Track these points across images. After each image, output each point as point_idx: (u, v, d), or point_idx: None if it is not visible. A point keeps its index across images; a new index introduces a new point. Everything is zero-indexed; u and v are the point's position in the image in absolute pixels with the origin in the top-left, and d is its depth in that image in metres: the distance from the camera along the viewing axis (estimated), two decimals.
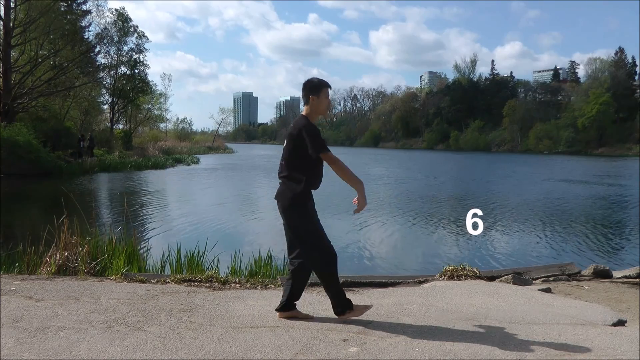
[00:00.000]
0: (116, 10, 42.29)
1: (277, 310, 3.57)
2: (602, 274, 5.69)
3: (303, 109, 3.57)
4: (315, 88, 3.52)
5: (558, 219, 13.50)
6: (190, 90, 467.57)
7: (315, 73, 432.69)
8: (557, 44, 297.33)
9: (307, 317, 3.56)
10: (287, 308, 3.54)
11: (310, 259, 3.45)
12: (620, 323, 3.82)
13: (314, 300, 4.07)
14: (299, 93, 3.75)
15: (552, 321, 3.71)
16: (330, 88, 3.57)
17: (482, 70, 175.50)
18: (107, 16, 40.36)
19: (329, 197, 17.66)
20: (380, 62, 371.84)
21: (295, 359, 2.85)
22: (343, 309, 3.51)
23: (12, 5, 26.81)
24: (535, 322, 3.66)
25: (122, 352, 2.85)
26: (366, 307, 3.60)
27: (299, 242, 3.46)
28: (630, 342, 3.28)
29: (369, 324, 3.49)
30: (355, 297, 4.32)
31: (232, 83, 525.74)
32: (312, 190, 3.50)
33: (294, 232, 3.47)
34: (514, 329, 3.49)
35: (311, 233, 3.42)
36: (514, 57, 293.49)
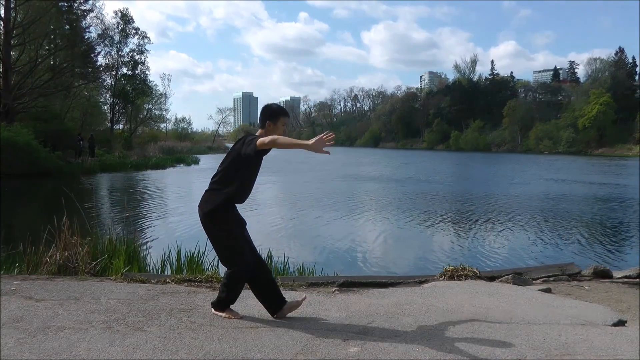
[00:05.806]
0: (120, 11, 42.50)
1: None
2: (602, 274, 5.68)
3: (258, 131, 3.55)
4: (274, 115, 3.53)
5: (558, 219, 13.49)
6: (186, 90, 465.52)
7: (309, 73, 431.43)
8: (552, 43, 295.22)
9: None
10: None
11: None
12: (621, 323, 3.82)
13: (314, 301, 4.07)
14: (297, 93, 3.77)
15: (552, 321, 3.71)
16: (288, 117, 3.60)
17: (480, 70, 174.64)
18: (112, 17, 40.51)
19: (328, 195, 17.66)
20: (374, 61, 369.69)
21: (295, 359, 2.85)
22: (222, 308, 3.57)
23: (12, 5, 26.79)
24: (536, 322, 3.66)
25: (122, 352, 2.85)
26: (234, 314, 3.56)
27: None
28: (631, 342, 3.29)
29: (369, 324, 3.49)
30: (356, 297, 4.33)
31: (228, 83, 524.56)
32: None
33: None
34: (514, 329, 3.50)
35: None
36: (509, 57, 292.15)
